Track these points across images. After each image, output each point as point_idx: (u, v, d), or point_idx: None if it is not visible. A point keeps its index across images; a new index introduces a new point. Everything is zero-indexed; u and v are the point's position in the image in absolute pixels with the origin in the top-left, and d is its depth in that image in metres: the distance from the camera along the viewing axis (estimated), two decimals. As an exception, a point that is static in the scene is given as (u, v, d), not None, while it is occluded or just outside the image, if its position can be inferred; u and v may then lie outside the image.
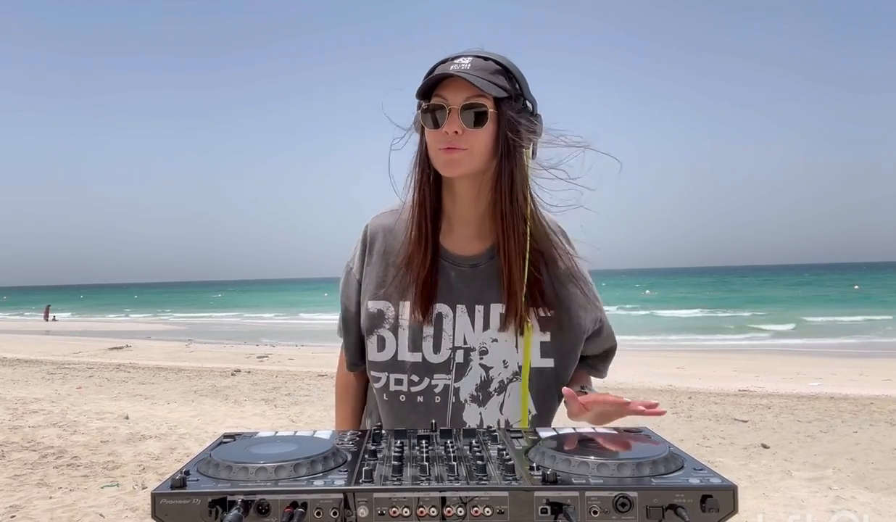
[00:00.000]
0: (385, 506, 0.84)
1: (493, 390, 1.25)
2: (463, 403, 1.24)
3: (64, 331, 25.54)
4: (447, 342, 1.24)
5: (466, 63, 1.16)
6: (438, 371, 1.24)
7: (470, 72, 1.14)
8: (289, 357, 13.63)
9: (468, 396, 1.24)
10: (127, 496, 4.39)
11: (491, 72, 1.16)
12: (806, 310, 28.70)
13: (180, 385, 9.56)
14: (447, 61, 1.19)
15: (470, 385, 1.24)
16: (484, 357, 1.24)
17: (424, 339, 1.24)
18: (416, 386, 1.25)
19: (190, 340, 19.92)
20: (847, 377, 10.26)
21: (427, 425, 1.20)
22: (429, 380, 1.24)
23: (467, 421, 1.25)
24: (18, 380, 9.94)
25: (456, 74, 1.13)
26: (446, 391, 1.24)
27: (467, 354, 1.24)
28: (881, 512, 4.12)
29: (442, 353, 1.24)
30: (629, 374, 10.78)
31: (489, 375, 1.24)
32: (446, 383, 1.24)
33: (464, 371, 1.24)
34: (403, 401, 1.25)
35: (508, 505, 0.84)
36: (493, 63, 1.18)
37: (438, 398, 1.24)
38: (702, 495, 0.85)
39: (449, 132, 1.14)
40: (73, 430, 6.28)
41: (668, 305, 36.04)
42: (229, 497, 0.85)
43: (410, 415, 1.25)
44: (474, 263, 1.27)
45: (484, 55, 1.19)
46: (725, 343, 17.94)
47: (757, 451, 5.59)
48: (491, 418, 1.25)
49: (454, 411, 1.24)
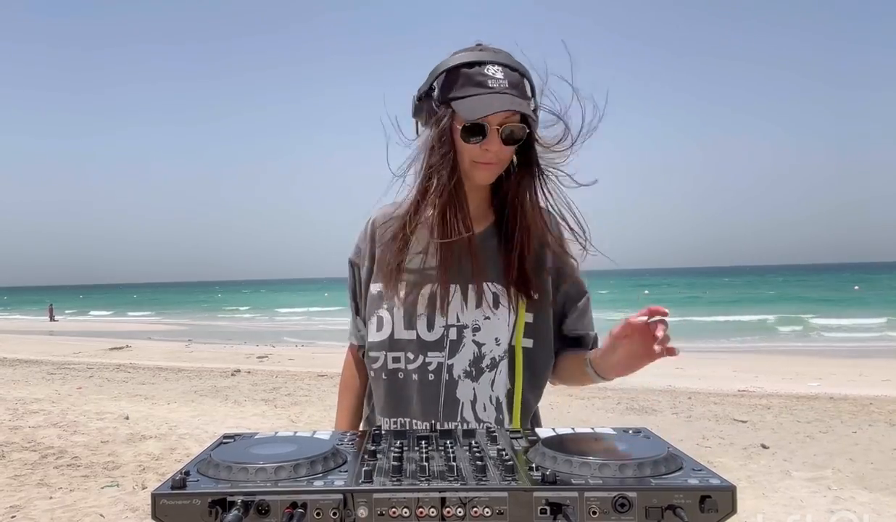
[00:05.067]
0: (385, 507, 0.84)
1: (485, 366, 1.29)
2: (456, 380, 1.28)
3: (64, 331, 25.55)
4: (441, 320, 1.28)
5: (502, 78, 1.20)
6: (432, 348, 1.28)
7: (510, 91, 1.19)
8: (289, 357, 13.63)
9: (461, 372, 1.28)
10: (127, 496, 4.39)
11: (521, 88, 1.22)
12: (806, 310, 28.70)
13: (180, 385, 9.56)
14: (476, 66, 1.21)
15: (463, 361, 1.28)
16: (476, 333, 1.28)
17: (419, 317, 1.28)
18: (412, 363, 1.29)
19: (190, 340, 19.92)
20: (846, 377, 10.26)
21: (422, 403, 1.28)
22: (423, 358, 1.28)
23: (461, 397, 1.28)
24: (19, 380, 9.94)
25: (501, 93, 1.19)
26: (440, 368, 1.28)
27: (460, 331, 1.28)
28: (880, 512, 4.12)
29: (436, 331, 1.28)
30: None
31: (481, 351, 1.28)
32: (440, 360, 1.28)
33: (457, 348, 1.28)
34: (401, 378, 1.30)
35: (508, 506, 0.85)
36: (520, 75, 1.23)
37: (432, 375, 1.28)
38: (701, 495, 0.85)
39: (491, 150, 1.21)
40: (73, 430, 6.29)
41: (666, 306, 35.84)
42: (229, 498, 0.85)
43: (406, 392, 1.29)
44: (481, 237, 1.31)
45: (511, 65, 1.23)
46: (725, 343, 17.94)
47: (756, 451, 5.60)
48: (483, 393, 1.28)
49: (447, 388, 1.28)
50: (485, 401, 1.29)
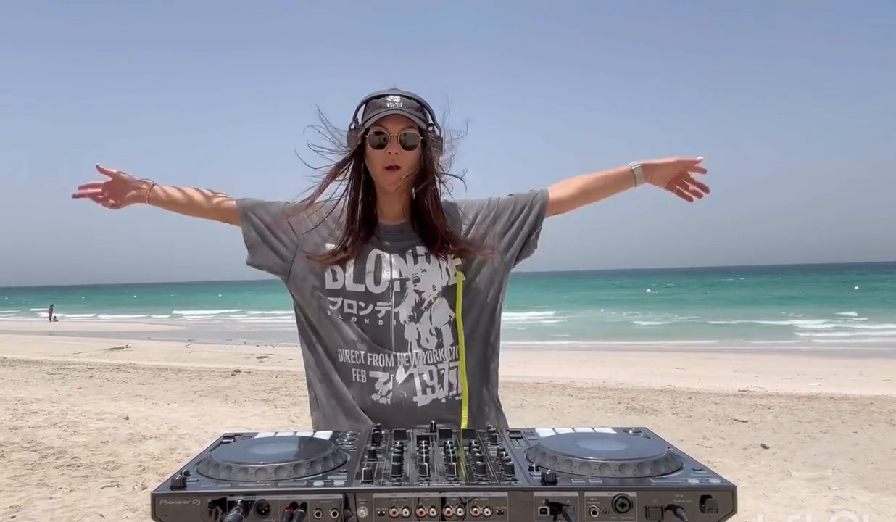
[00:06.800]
0: (385, 507, 0.84)
1: (423, 308, 1.55)
2: (402, 324, 1.54)
3: (64, 331, 25.54)
4: (386, 275, 1.55)
5: (398, 101, 1.53)
6: (381, 299, 1.54)
7: (403, 110, 1.51)
8: (289, 357, 13.61)
9: (406, 317, 1.54)
10: (127, 496, 4.39)
11: (415, 108, 1.55)
12: (806, 310, 28.71)
13: (180, 385, 9.56)
14: (380, 97, 1.55)
15: (407, 308, 1.54)
16: (417, 284, 1.55)
17: (367, 274, 1.56)
18: (364, 310, 1.54)
19: (190, 340, 19.92)
20: (847, 377, 10.26)
21: (374, 344, 1.52)
22: (373, 306, 1.54)
23: (408, 338, 1.53)
24: (19, 381, 9.94)
25: (394, 112, 1.51)
26: (388, 315, 1.54)
27: (403, 283, 1.55)
28: (881, 512, 4.11)
29: (382, 285, 1.55)
30: (629, 374, 10.80)
31: (422, 297, 1.55)
32: (388, 309, 1.54)
33: (401, 298, 1.55)
34: (355, 322, 1.54)
35: (508, 506, 0.84)
36: (417, 102, 1.57)
37: (381, 321, 1.53)
38: (701, 495, 0.85)
39: (391, 153, 1.52)
40: (73, 430, 6.28)
41: (668, 305, 36.06)
42: (229, 498, 0.85)
43: (360, 333, 1.53)
44: (401, 229, 1.62)
45: (409, 95, 1.57)
46: (725, 343, 17.93)
47: (756, 451, 5.59)
48: (424, 329, 1.54)
49: (396, 331, 1.53)
50: (426, 335, 1.54)
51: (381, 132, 1.52)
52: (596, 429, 1.14)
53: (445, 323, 1.56)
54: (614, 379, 9.92)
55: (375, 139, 1.52)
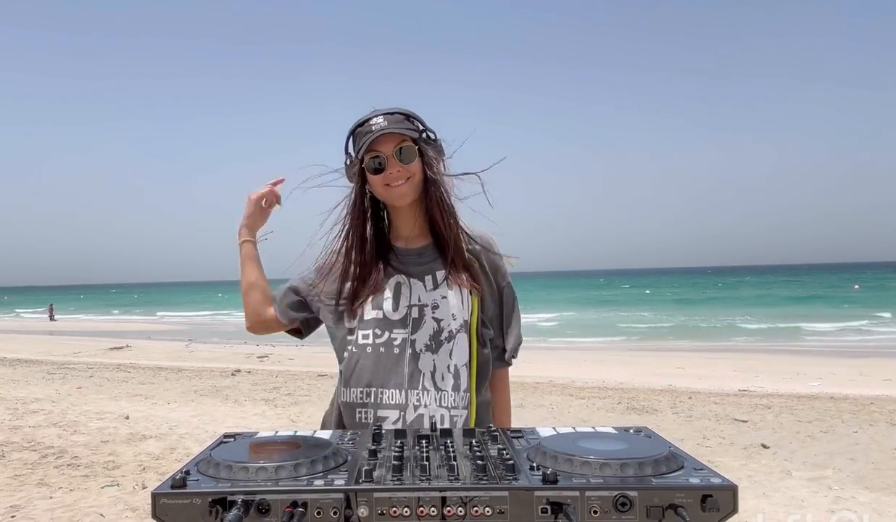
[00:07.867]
0: (385, 506, 0.84)
1: (443, 338, 1.50)
2: (419, 352, 1.48)
3: (64, 331, 25.54)
4: (405, 301, 1.52)
5: (382, 121, 1.50)
6: (397, 326, 1.50)
7: (390, 126, 1.49)
8: (289, 357, 13.61)
9: (423, 346, 1.49)
10: (127, 496, 4.39)
11: (401, 121, 1.51)
12: (806, 310, 28.69)
13: (180, 385, 9.56)
14: (364, 124, 1.52)
15: (424, 336, 1.49)
16: (436, 311, 1.51)
17: (385, 300, 1.52)
18: (379, 338, 1.50)
19: (190, 340, 19.91)
20: (847, 377, 10.25)
21: (389, 373, 1.46)
22: (389, 334, 1.49)
23: (422, 369, 1.47)
24: (19, 380, 9.94)
25: (382, 133, 1.48)
26: (404, 343, 1.49)
27: (422, 310, 1.51)
28: (881, 512, 4.11)
29: (400, 310, 1.51)
30: (629, 374, 10.79)
31: (440, 326, 1.50)
32: (404, 336, 1.49)
33: (419, 324, 1.50)
34: (369, 352, 1.49)
35: (509, 505, 0.84)
36: (399, 114, 1.53)
37: (397, 349, 1.49)
38: (702, 495, 0.85)
39: (392, 172, 1.49)
40: (73, 430, 6.28)
41: (667, 305, 36.04)
42: (229, 497, 0.85)
43: (374, 364, 1.48)
44: (420, 252, 1.59)
45: (391, 111, 1.53)
46: (725, 343, 17.92)
47: (757, 451, 5.59)
48: (442, 364, 1.48)
49: (411, 360, 1.48)
50: (443, 371, 1.48)
51: (377, 156, 1.50)
52: (597, 429, 1.14)
53: (464, 364, 1.50)
54: (614, 379, 9.92)
55: (372, 163, 1.50)
